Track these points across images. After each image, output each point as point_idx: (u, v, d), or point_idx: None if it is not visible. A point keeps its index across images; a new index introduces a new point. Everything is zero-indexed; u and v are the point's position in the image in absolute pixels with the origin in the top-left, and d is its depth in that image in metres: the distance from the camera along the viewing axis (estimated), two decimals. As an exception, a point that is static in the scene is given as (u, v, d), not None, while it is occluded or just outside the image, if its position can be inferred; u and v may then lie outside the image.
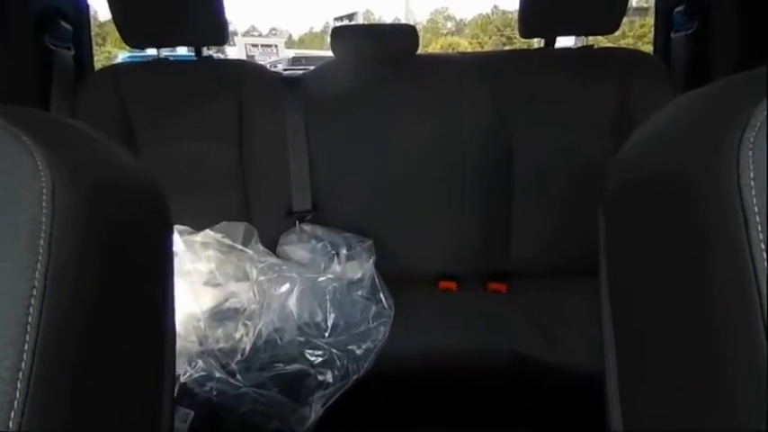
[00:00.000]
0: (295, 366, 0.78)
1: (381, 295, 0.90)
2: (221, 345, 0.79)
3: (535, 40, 1.10)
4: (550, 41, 1.08)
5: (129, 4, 0.96)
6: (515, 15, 1.05)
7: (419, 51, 1.06)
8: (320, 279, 0.87)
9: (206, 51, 1.09)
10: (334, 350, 0.79)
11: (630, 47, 1.10)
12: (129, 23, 0.98)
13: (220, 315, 0.84)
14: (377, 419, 0.82)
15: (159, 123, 1.02)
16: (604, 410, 0.38)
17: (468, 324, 0.89)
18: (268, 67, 1.25)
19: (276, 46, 13.24)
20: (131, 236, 0.34)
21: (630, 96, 1.00)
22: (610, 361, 0.38)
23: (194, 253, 0.90)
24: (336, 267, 0.91)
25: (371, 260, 0.95)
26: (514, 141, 1.02)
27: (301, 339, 0.81)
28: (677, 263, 0.29)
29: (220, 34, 1.03)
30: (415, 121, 1.02)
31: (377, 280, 0.92)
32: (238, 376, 0.76)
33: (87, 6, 1.13)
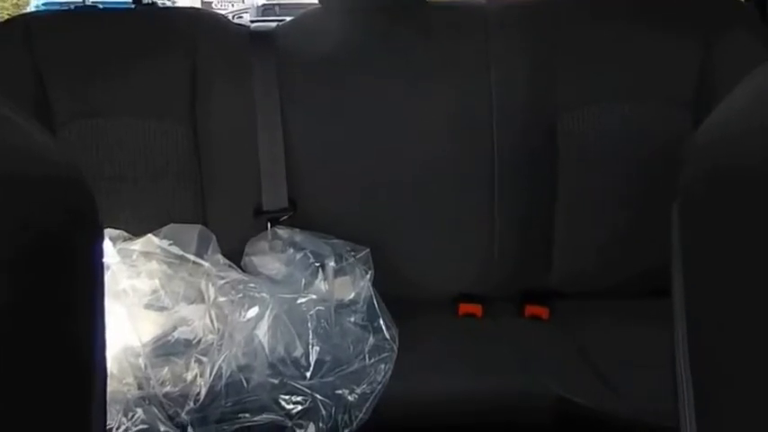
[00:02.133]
0: (266, 417, 0.78)
1: (381, 322, 0.91)
2: (168, 389, 0.79)
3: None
4: None
5: None
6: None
7: (432, -4, 1.07)
8: (300, 301, 0.87)
9: (148, -3, 1.10)
10: (318, 396, 0.79)
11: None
12: None
13: (167, 349, 0.84)
14: None
15: (84, 92, 1.03)
16: None
17: (497, 362, 0.89)
18: (231, 17, 1.25)
19: (241, -11, 13.27)
20: (47, 244, 0.34)
21: (715, 56, 1.01)
22: (686, 414, 0.38)
23: (132, 266, 0.91)
24: (321, 285, 0.91)
25: (368, 276, 0.95)
26: (559, 118, 1.03)
27: (274, 381, 0.81)
28: None
29: None
30: (427, 90, 1.03)
31: (375, 302, 0.93)
32: (190, 430, 0.76)
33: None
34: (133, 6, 1.09)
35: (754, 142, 0.32)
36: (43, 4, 4.55)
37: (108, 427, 0.73)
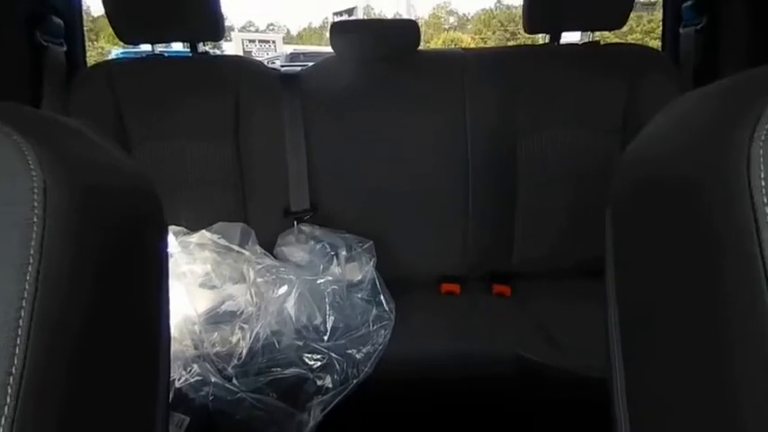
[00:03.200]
0: (293, 371, 0.78)
1: (382, 298, 0.90)
2: (217, 349, 0.79)
3: (540, 35, 1.10)
4: (555, 37, 1.07)
5: None
6: (519, 10, 1.05)
7: (421, 47, 1.06)
8: (319, 281, 0.87)
9: (201, 47, 1.09)
10: (333, 354, 0.79)
11: (638, 42, 1.09)
12: (123, 18, 0.97)
13: (216, 318, 0.84)
14: (377, 426, 0.82)
15: (153, 120, 1.02)
16: (612, 419, 0.38)
17: (471, 328, 0.88)
18: (266, 63, 1.24)
19: (274, 41, 13.23)
20: (125, 238, 0.34)
21: (638, 94, 1.00)
22: (617, 368, 0.37)
23: (190, 254, 0.90)
24: (336, 269, 0.91)
25: (372, 262, 0.94)
26: (519, 141, 1.02)
27: (299, 343, 0.80)
28: (689, 268, 0.29)
29: (216, 29, 1.03)
30: (417, 119, 1.02)
31: (377, 282, 0.92)
32: (235, 381, 0.76)
33: (79, 1, 1.14)
34: (190, 54, 1.09)
35: (666, 162, 0.32)
36: (121, 53, 4.54)
37: (171, 379, 0.73)
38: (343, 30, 1.05)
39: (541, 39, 1.10)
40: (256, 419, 0.74)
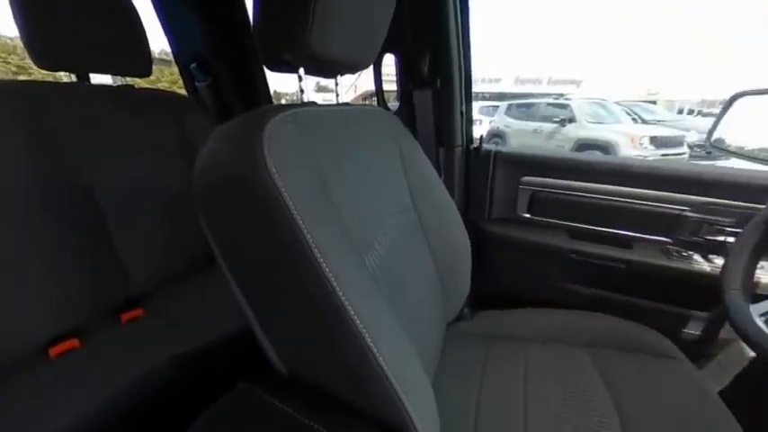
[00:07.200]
0: None
1: None
2: None
3: (62, 73, 0.81)
4: (84, 76, 0.83)
5: None
6: (17, 42, 0.71)
7: None
8: None
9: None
10: None
11: (170, 90, 1.05)
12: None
13: None
14: None
15: None
16: (257, 337, 0.42)
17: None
18: None
19: None
20: None
21: (185, 128, 0.96)
22: (249, 312, 0.41)
23: None
24: None
25: None
26: (93, 178, 0.76)
27: None
28: (256, 228, 0.36)
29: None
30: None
31: None
32: None
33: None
34: None
35: (222, 169, 0.37)
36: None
37: None
38: None
39: (67, 77, 0.82)
40: None
